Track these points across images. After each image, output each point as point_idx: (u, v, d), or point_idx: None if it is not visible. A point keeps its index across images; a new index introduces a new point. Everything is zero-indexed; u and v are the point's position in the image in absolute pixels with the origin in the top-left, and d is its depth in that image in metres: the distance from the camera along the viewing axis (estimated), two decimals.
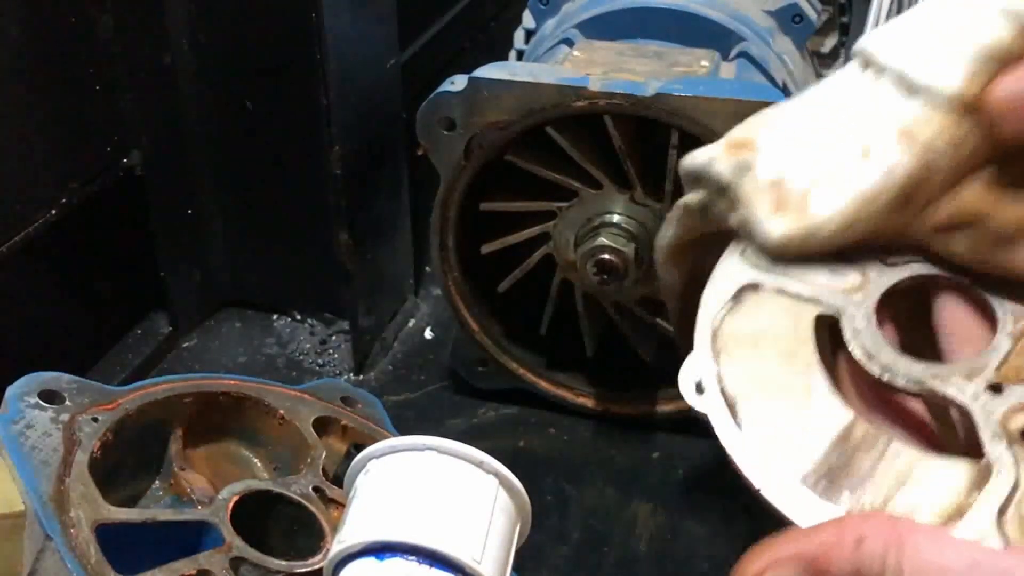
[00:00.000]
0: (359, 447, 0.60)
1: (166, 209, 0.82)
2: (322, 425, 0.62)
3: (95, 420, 0.53)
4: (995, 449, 0.39)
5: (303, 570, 0.53)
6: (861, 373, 0.43)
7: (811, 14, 0.81)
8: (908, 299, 0.46)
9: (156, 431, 0.58)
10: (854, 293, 0.45)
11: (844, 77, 0.45)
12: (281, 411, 0.62)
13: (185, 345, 0.86)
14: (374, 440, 0.56)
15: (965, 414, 0.41)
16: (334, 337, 0.87)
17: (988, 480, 0.38)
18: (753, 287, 0.45)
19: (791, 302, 0.45)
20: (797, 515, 0.39)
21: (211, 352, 0.86)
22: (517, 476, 0.51)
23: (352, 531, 0.48)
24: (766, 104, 0.48)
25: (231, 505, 0.53)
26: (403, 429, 0.67)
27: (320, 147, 0.76)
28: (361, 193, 0.80)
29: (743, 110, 0.63)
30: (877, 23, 0.83)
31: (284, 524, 0.57)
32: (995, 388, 0.41)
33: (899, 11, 0.84)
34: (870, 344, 0.43)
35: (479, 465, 0.50)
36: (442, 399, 0.81)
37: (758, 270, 0.46)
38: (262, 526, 0.55)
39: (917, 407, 0.45)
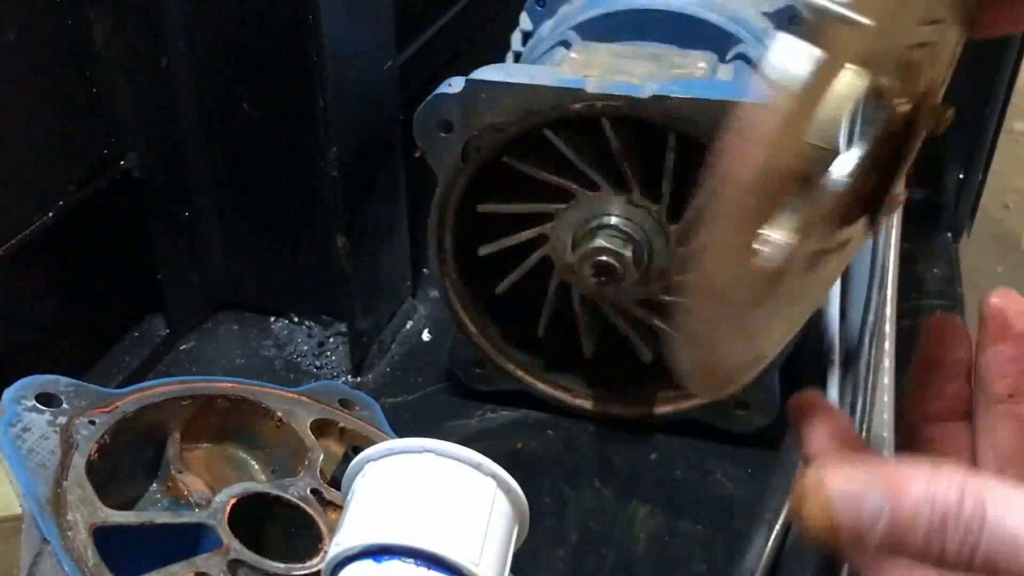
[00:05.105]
0: (357, 449, 0.60)
1: (163, 211, 0.82)
2: (320, 427, 0.63)
3: (92, 423, 0.53)
4: None
5: (301, 573, 0.53)
6: None
7: None
8: None
9: (154, 434, 0.58)
10: None
11: None
12: (279, 413, 0.62)
13: (183, 347, 0.86)
14: (372, 442, 0.56)
15: None
16: (332, 339, 0.87)
17: None
18: None
19: None
20: None
21: (208, 354, 0.86)
22: (515, 478, 0.51)
23: (350, 534, 0.48)
24: None
25: (229, 508, 0.53)
26: (401, 431, 0.67)
27: (317, 149, 0.76)
28: (358, 195, 0.80)
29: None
30: None
31: (282, 527, 0.57)
32: None
33: None
34: None
35: (477, 467, 0.50)
36: (440, 401, 0.81)
37: None
38: (260, 529, 0.55)
39: None
